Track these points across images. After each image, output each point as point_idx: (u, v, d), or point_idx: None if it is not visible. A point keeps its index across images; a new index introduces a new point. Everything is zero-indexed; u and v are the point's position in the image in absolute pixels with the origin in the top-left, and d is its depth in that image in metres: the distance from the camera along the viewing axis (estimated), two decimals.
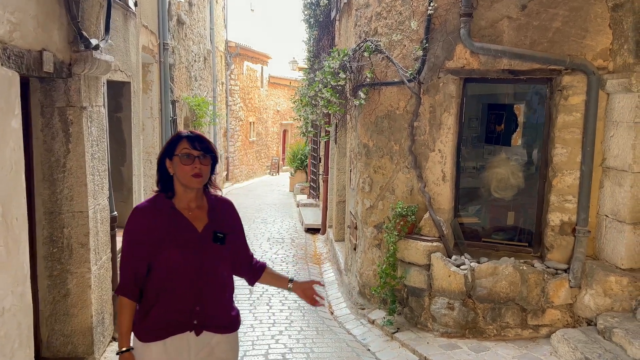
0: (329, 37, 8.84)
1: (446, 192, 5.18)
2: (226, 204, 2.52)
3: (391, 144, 5.40)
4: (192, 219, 2.35)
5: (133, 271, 2.32)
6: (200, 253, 2.31)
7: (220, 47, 17.93)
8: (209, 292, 2.34)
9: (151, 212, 2.33)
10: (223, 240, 2.36)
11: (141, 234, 2.30)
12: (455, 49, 4.96)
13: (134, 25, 5.90)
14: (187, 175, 2.28)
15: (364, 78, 5.37)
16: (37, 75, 3.31)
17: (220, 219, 2.42)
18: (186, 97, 9.89)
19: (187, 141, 2.30)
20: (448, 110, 5.08)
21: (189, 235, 2.32)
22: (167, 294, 2.30)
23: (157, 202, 2.36)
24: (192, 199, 2.37)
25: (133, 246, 2.32)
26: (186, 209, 2.36)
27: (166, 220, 2.31)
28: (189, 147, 2.29)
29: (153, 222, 2.30)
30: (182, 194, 2.35)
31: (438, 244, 4.99)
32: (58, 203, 4.00)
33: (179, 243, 2.29)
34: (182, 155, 2.28)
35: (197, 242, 2.32)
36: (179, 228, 2.32)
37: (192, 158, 2.28)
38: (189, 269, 2.29)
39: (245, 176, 21.82)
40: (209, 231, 2.36)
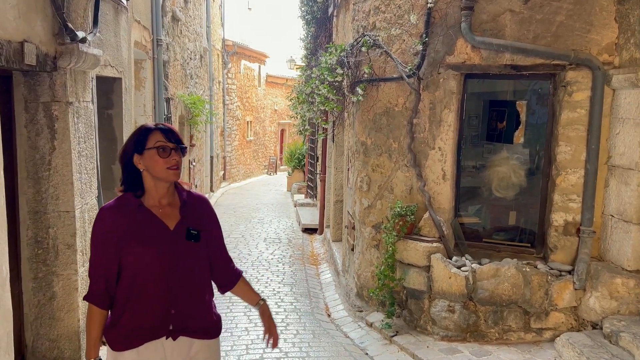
0: (326, 34, 8.68)
1: (446, 191, 5.03)
2: (201, 200, 2.37)
3: (390, 142, 5.25)
4: (163, 216, 2.21)
5: (102, 276, 2.17)
6: (173, 251, 2.17)
7: (217, 45, 17.76)
8: (184, 294, 2.20)
9: (117, 212, 2.18)
10: (197, 237, 2.22)
11: (107, 235, 2.15)
12: (456, 44, 4.81)
13: (125, 20, 5.74)
14: (163, 168, 2.14)
15: (362, 74, 5.21)
16: (19, 67, 3.15)
17: (194, 215, 2.28)
18: (181, 95, 9.73)
19: (161, 133, 2.16)
20: (448, 106, 4.93)
21: (159, 233, 2.18)
22: (139, 298, 2.16)
23: (124, 201, 2.21)
24: (163, 195, 2.22)
25: (100, 249, 2.17)
26: (156, 206, 2.21)
27: (133, 218, 2.17)
28: (164, 140, 2.15)
29: (119, 222, 2.15)
30: (152, 190, 2.21)
31: (438, 245, 4.84)
32: (43, 202, 3.84)
33: (148, 242, 2.15)
34: (158, 148, 2.13)
35: (169, 240, 2.18)
36: (148, 226, 2.17)
37: (169, 150, 2.14)
38: (160, 269, 2.15)
39: (242, 176, 21.66)
40: (182, 228, 2.21)
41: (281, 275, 7.11)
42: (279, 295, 6.25)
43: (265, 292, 6.37)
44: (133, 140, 2.19)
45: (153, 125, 2.21)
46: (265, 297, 6.05)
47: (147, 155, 2.15)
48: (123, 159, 2.21)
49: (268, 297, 6.17)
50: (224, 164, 19.48)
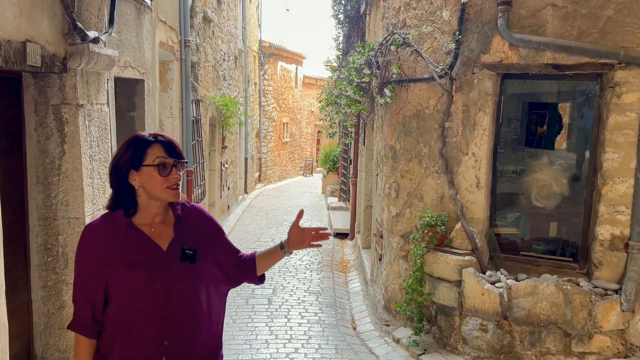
0: (359, 34, 8.41)
1: (480, 200, 4.68)
2: (196, 211, 2.13)
3: (420, 147, 4.93)
4: (155, 236, 1.98)
5: (88, 302, 1.94)
6: (166, 275, 1.93)
7: (253, 46, 17.70)
8: (180, 322, 1.95)
9: (103, 231, 1.96)
10: (193, 258, 1.97)
11: (92, 257, 1.93)
12: (491, 42, 4.46)
13: (149, 20, 5.62)
14: (163, 187, 1.91)
15: (391, 74, 4.92)
16: (20, 68, 3.01)
17: (190, 231, 2.04)
18: (212, 97, 9.61)
19: (162, 147, 1.92)
20: (483, 109, 4.58)
21: (150, 255, 1.95)
22: (129, 328, 1.92)
23: (111, 219, 1.98)
24: (157, 213, 1.99)
25: (84, 273, 1.95)
26: (147, 225, 1.98)
27: (121, 239, 1.94)
28: (164, 155, 1.92)
29: (105, 243, 1.93)
30: (146, 209, 1.98)
31: (470, 258, 4.50)
32: (53, 208, 3.70)
33: (137, 265, 1.92)
34: (158, 166, 1.90)
35: (161, 262, 1.94)
36: (138, 248, 1.95)
37: (169, 168, 1.92)
38: (152, 295, 1.91)
39: (278, 177, 21.56)
40: (176, 248, 1.97)
41: (308, 283, 6.87)
42: (304, 304, 6.01)
43: (289, 300, 6.15)
44: (129, 154, 1.94)
45: (151, 137, 1.96)
46: (289, 306, 5.85)
47: (144, 172, 1.92)
48: (115, 174, 1.97)
49: (292, 306, 5.95)
50: (260, 166, 19.40)
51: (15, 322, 3.59)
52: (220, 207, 10.94)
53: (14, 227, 3.57)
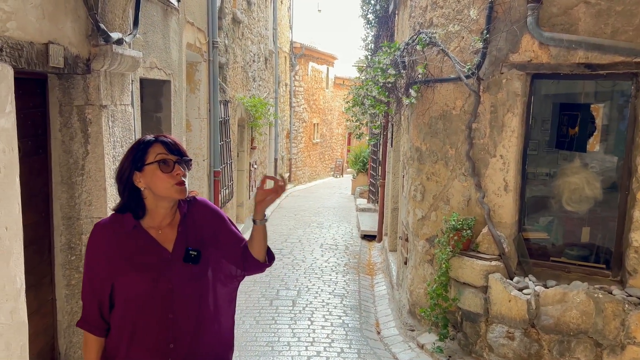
0: (387, 34, 8.32)
1: (508, 203, 4.55)
2: (199, 205, 2.07)
3: (446, 148, 4.83)
4: (161, 238, 1.96)
5: (96, 300, 1.94)
6: (170, 277, 1.91)
7: (284, 47, 17.75)
8: (185, 325, 1.94)
9: (110, 231, 1.95)
10: (197, 259, 1.94)
11: (99, 255, 1.93)
12: (521, 41, 4.33)
13: (176, 21, 5.66)
14: (168, 184, 1.89)
15: (417, 74, 4.83)
16: (43, 70, 3.04)
17: (193, 230, 2.00)
18: (241, 98, 9.65)
19: (162, 145, 1.91)
20: (512, 110, 4.45)
21: (155, 257, 1.93)
22: (134, 330, 1.91)
23: (119, 219, 1.97)
24: (165, 215, 1.97)
25: (92, 271, 1.95)
26: (154, 228, 1.96)
27: (127, 241, 1.93)
28: (165, 152, 1.90)
29: (112, 243, 1.93)
30: (153, 211, 1.96)
31: (497, 264, 4.37)
32: (76, 208, 3.75)
33: (142, 267, 1.90)
34: (159, 162, 1.88)
35: (166, 264, 1.92)
36: (143, 250, 1.93)
37: (171, 164, 1.89)
38: (157, 297, 1.90)
39: (308, 178, 21.57)
40: (181, 249, 1.95)
41: (333, 285, 6.81)
42: (328, 307, 5.96)
43: (313, 302, 6.10)
44: (131, 156, 1.95)
45: (152, 137, 1.97)
46: (313, 308, 5.81)
47: (147, 171, 1.90)
48: (120, 177, 1.96)
49: (316, 309, 5.90)
50: (290, 166, 19.45)
51: (40, 319, 3.66)
52: (249, 207, 10.98)
53: (39, 226, 3.63)
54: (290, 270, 7.43)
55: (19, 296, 2.76)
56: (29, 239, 3.52)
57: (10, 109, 2.63)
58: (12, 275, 2.69)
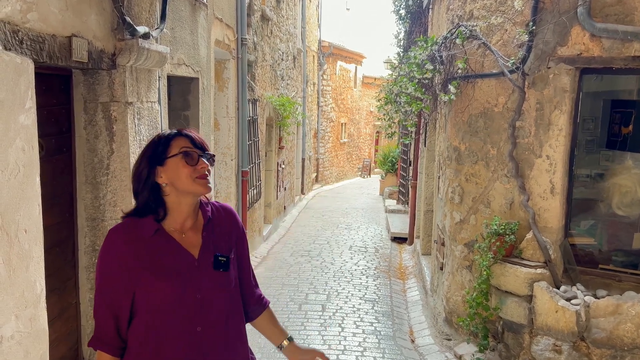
0: (421, 29, 8.04)
1: (555, 207, 4.26)
2: (225, 212, 1.92)
3: (487, 148, 4.56)
4: (186, 243, 1.78)
5: (112, 315, 1.75)
6: (200, 286, 1.74)
7: (312, 46, 17.57)
8: (216, 339, 1.76)
9: (129, 236, 1.76)
10: (227, 265, 1.78)
11: (116, 265, 1.74)
12: (570, 33, 4.04)
13: (204, 17, 5.51)
14: (192, 178, 1.73)
15: (456, 69, 4.57)
16: (65, 64, 2.90)
17: (220, 235, 1.84)
18: (269, 97, 9.49)
19: (186, 138, 1.76)
20: (559, 107, 4.16)
21: (181, 263, 1.75)
22: (158, 346, 1.73)
23: (139, 223, 1.78)
24: (188, 216, 1.80)
25: (107, 283, 1.76)
26: (178, 231, 1.79)
27: (149, 246, 1.75)
28: (190, 145, 1.74)
29: (131, 250, 1.74)
30: (176, 210, 1.78)
31: (543, 271, 4.09)
32: (101, 209, 3.61)
33: (167, 275, 1.72)
34: (184, 154, 1.73)
35: (194, 271, 1.74)
36: (168, 255, 1.75)
37: (196, 157, 1.74)
38: (184, 308, 1.72)
39: (335, 178, 21.35)
40: (208, 254, 1.78)
41: (363, 290, 6.58)
42: (359, 313, 5.73)
43: (344, 308, 5.88)
44: (150, 151, 1.79)
45: (175, 131, 1.81)
46: (344, 314, 5.59)
47: (170, 164, 1.74)
48: (139, 174, 1.78)
49: (346, 314, 5.68)
50: (317, 166, 19.26)
51: (63, 324, 3.53)
52: (276, 207, 10.83)
53: (63, 228, 3.50)
54: (319, 273, 7.23)
55: (39, 302, 2.61)
56: (52, 241, 3.39)
57: (30, 104, 2.48)
58: (32, 280, 2.54)
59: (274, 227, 10.20)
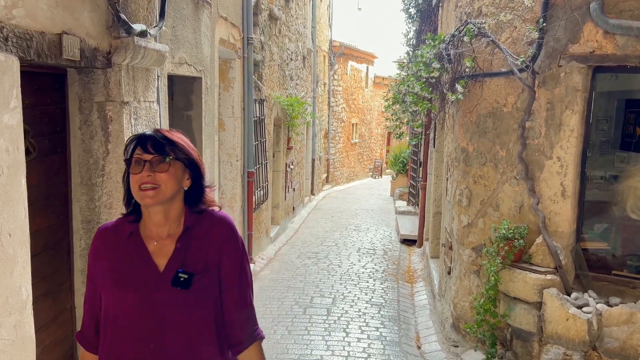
0: (430, 28, 7.90)
1: (566, 211, 4.11)
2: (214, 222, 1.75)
3: (496, 149, 4.41)
4: (156, 253, 1.67)
5: (91, 312, 1.73)
6: (155, 300, 1.62)
7: (323, 46, 17.47)
8: (168, 358, 1.64)
9: (110, 237, 1.73)
10: (187, 284, 1.62)
11: (98, 263, 1.72)
12: (582, 30, 3.89)
13: (207, 16, 5.42)
14: (135, 187, 1.63)
15: (463, 68, 4.43)
16: (55, 62, 2.81)
17: (194, 249, 1.69)
18: (277, 97, 9.40)
19: (139, 143, 1.65)
20: (571, 107, 4.01)
21: (143, 274, 1.65)
22: (110, 352, 1.66)
23: (122, 224, 1.74)
24: (160, 224, 1.69)
25: (91, 278, 1.74)
26: (152, 238, 1.69)
27: (120, 250, 1.68)
28: (140, 151, 1.64)
29: (106, 250, 1.70)
30: (146, 217, 1.70)
31: (553, 277, 3.94)
32: (96, 211, 3.52)
33: (127, 284, 1.63)
34: (133, 162, 1.65)
35: (153, 284, 1.63)
36: (133, 263, 1.66)
37: (141, 164, 1.62)
38: (137, 322, 1.62)
39: (346, 179, 21.22)
40: (173, 268, 1.66)
41: (370, 293, 6.46)
42: (364, 318, 5.61)
43: (349, 312, 5.76)
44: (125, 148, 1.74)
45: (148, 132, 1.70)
46: (349, 318, 5.47)
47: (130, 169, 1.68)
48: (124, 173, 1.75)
49: (352, 319, 5.56)
50: (327, 167, 19.15)
51: (57, 328, 3.45)
52: (285, 208, 10.73)
53: (57, 230, 3.42)
54: (325, 276, 7.12)
55: (25, 309, 2.53)
56: (46, 243, 3.31)
57: (15, 104, 2.40)
58: (17, 286, 2.46)
59: (282, 228, 10.10)
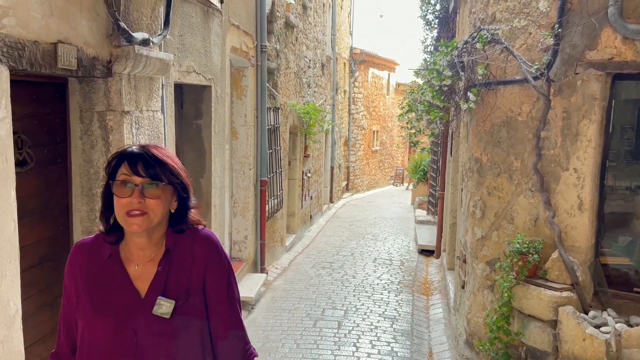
0: (448, 35, 7.75)
1: (583, 224, 3.92)
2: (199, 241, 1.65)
3: (510, 159, 4.25)
4: (136, 277, 1.58)
5: (67, 331, 1.65)
6: (135, 328, 1.53)
7: (343, 54, 17.39)
8: None
9: (86, 255, 1.63)
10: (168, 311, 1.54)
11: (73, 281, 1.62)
12: (600, 36, 3.72)
13: (218, 24, 5.38)
14: (121, 212, 1.52)
15: (477, 76, 4.29)
16: (50, 72, 2.77)
17: (176, 272, 1.60)
18: (293, 105, 9.33)
19: (127, 163, 1.53)
20: (588, 116, 3.83)
21: (122, 299, 1.56)
22: None
23: (100, 243, 1.64)
24: (143, 246, 1.60)
25: (67, 296, 1.65)
26: (133, 261, 1.60)
27: (97, 272, 1.59)
28: (128, 172, 1.52)
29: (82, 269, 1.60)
30: (128, 238, 1.60)
31: (569, 295, 3.76)
32: (97, 222, 3.47)
33: (104, 309, 1.54)
34: (120, 183, 1.52)
35: (133, 311, 1.54)
36: (111, 287, 1.57)
37: (131, 188, 1.51)
38: (116, 350, 1.53)
39: (366, 186, 21.05)
40: (155, 294, 1.56)
41: (384, 306, 6.31)
42: (376, 331, 5.46)
43: (361, 325, 5.62)
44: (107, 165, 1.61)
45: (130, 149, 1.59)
46: (360, 332, 5.33)
47: (114, 189, 1.55)
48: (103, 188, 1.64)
49: (363, 332, 5.42)
50: (347, 174, 19.02)
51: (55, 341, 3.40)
52: (301, 217, 10.64)
53: (57, 241, 3.39)
54: (339, 287, 6.99)
55: (13, 323, 2.48)
56: (44, 255, 3.27)
57: (4, 114, 2.36)
58: (5, 300, 2.41)
59: (297, 237, 10.01)
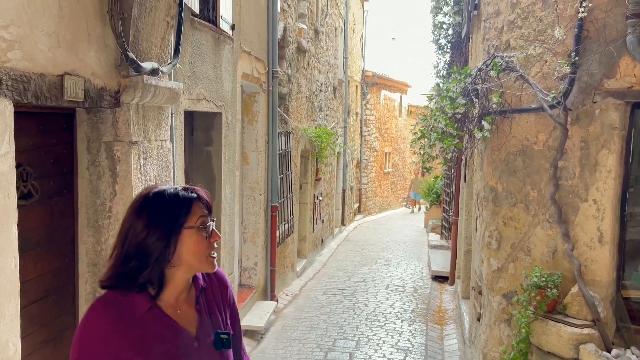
0: (461, 59, 7.69)
1: (604, 258, 3.78)
2: (217, 278, 1.65)
3: (527, 189, 4.14)
4: (182, 320, 1.51)
5: None
6: None
7: (355, 76, 17.43)
8: None
9: (115, 319, 1.43)
10: (229, 344, 1.55)
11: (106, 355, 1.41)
12: (618, 64, 3.62)
13: (229, 51, 5.36)
14: (203, 254, 1.48)
15: (491, 104, 4.20)
16: (55, 104, 2.72)
17: (212, 309, 1.59)
18: (304, 129, 9.29)
19: (202, 204, 1.50)
20: (607, 146, 3.72)
21: (180, 345, 1.47)
22: None
23: (126, 299, 1.46)
24: (183, 289, 1.54)
25: None
26: (172, 306, 1.50)
27: (140, 327, 1.44)
28: (205, 213, 1.49)
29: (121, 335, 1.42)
30: (172, 284, 1.50)
31: (590, 331, 3.60)
32: (103, 254, 3.40)
33: (162, 358, 1.45)
34: (200, 227, 1.48)
35: (193, 352, 1.49)
36: (162, 336, 1.46)
37: (210, 229, 1.49)
38: None
39: (378, 208, 20.90)
40: (206, 332, 1.52)
41: (397, 336, 6.15)
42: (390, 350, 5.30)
43: (373, 357, 5.47)
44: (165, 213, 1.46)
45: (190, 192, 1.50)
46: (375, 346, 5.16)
47: (185, 236, 1.45)
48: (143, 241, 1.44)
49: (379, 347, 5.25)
50: (359, 197, 18.91)
51: None
52: (313, 241, 10.52)
53: (62, 273, 3.32)
54: (350, 316, 6.84)
55: None
56: (49, 288, 3.20)
57: (6, 149, 2.31)
58: (4, 340, 2.33)
59: (309, 261, 9.89)
